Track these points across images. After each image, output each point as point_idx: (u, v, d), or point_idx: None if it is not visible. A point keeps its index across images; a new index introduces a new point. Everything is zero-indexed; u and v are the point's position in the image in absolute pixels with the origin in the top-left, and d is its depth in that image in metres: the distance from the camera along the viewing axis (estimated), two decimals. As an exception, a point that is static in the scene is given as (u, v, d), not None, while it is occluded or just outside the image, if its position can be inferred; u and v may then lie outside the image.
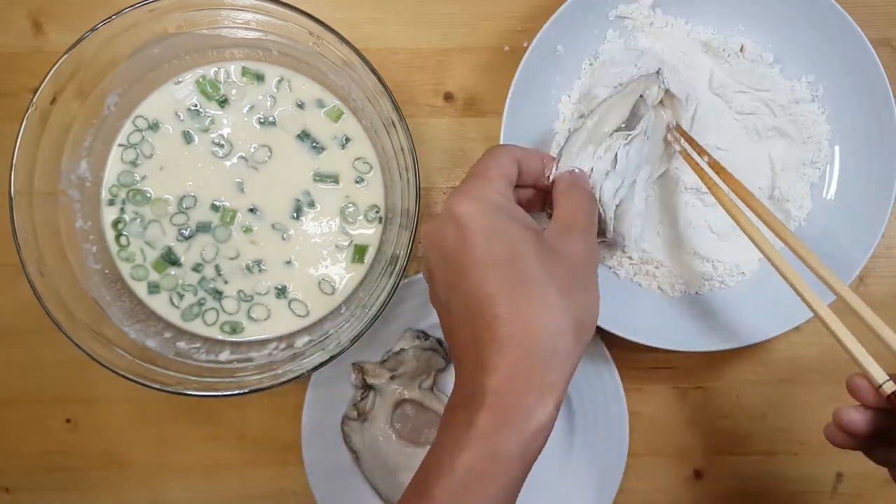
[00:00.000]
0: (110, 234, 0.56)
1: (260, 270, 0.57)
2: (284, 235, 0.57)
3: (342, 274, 0.57)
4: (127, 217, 0.56)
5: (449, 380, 0.61)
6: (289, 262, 0.57)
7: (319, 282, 0.57)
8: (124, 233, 0.56)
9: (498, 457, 0.36)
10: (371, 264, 0.57)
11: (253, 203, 0.57)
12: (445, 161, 0.61)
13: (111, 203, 0.56)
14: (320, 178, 0.57)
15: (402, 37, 0.61)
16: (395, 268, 0.52)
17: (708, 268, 0.58)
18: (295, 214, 0.57)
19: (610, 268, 0.58)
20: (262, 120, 0.57)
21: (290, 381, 0.51)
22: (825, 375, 0.62)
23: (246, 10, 0.53)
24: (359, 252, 0.57)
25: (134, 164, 0.56)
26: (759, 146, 0.58)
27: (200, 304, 0.56)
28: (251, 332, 0.57)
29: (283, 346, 0.56)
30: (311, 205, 0.57)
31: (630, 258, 0.58)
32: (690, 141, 0.53)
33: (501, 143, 0.54)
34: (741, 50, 0.57)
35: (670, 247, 0.58)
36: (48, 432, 0.62)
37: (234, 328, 0.57)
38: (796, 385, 0.62)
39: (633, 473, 0.61)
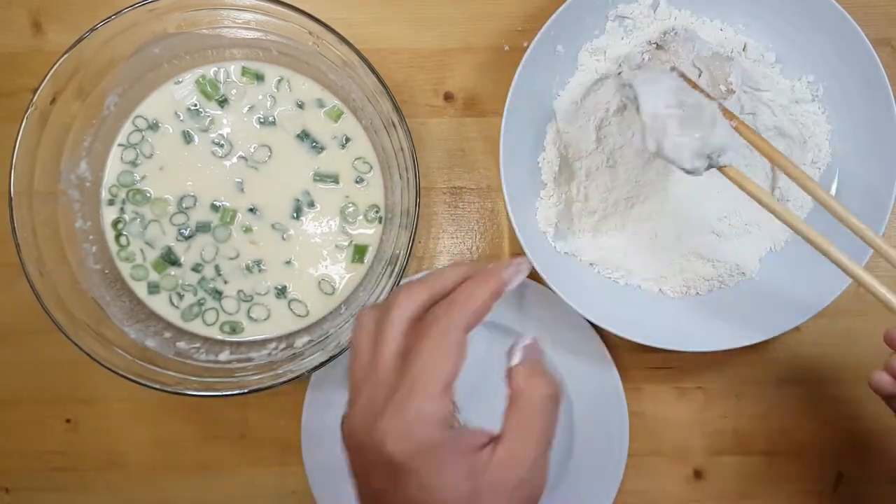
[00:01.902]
0: (110, 234, 0.56)
1: (260, 270, 0.57)
2: (284, 235, 0.57)
3: (342, 274, 0.57)
4: (127, 217, 0.56)
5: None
6: (289, 262, 0.57)
7: (319, 282, 0.57)
8: (124, 233, 0.56)
9: None
10: (371, 264, 0.57)
11: (253, 203, 0.57)
12: (445, 161, 0.61)
13: (111, 203, 0.56)
14: (320, 177, 0.57)
15: (402, 37, 0.61)
16: (394, 268, 0.52)
17: (708, 268, 0.58)
18: (295, 214, 0.57)
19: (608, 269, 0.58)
20: (261, 120, 0.57)
21: (290, 381, 0.51)
22: (825, 375, 0.62)
23: (246, 10, 0.53)
24: (359, 252, 0.57)
25: (134, 164, 0.56)
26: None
27: (200, 304, 0.56)
28: (251, 332, 0.57)
29: (283, 346, 0.56)
30: (311, 205, 0.57)
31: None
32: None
33: (501, 150, 0.54)
34: (744, 49, 0.57)
35: (670, 247, 0.58)
36: (48, 432, 0.62)
37: (234, 328, 0.57)
38: (796, 385, 0.62)
39: (633, 473, 0.61)
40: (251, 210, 0.57)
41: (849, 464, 0.62)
